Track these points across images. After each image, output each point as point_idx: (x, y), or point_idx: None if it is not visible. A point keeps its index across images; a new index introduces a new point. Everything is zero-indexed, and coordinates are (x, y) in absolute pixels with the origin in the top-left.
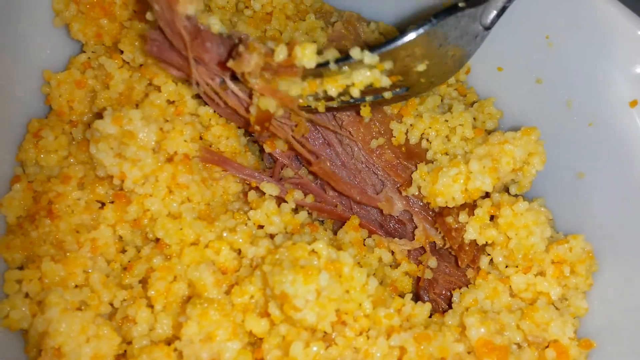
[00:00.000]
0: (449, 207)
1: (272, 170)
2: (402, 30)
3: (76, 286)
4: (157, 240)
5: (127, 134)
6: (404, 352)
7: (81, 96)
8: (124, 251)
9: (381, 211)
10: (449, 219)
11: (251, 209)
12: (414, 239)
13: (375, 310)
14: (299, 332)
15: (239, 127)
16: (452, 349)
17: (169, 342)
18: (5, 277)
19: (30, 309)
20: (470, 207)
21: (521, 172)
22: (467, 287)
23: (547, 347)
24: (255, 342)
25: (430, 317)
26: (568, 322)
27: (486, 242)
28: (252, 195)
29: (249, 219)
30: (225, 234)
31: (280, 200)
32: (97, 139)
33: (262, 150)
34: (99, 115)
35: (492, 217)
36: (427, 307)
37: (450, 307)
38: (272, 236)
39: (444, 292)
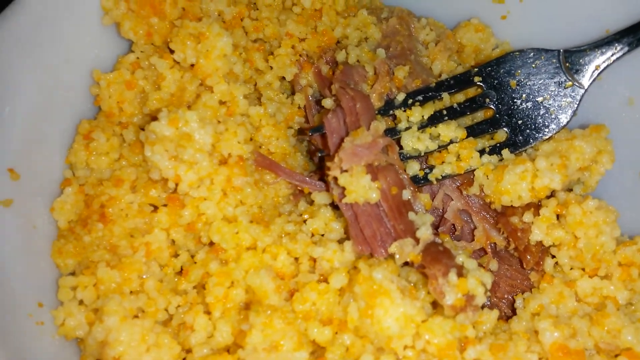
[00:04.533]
0: (513, 207)
1: (321, 172)
2: None
3: (131, 292)
4: (211, 244)
5: (184, 136)
6: None
7: (131, 97)
8: (176, 255)
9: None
10: (514, 219)
11: (302, 214)
12: (472, 240)
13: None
14: (364, 344)
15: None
16: (525, 359)
17: (227, 350)
18: (60, 283)
19: (86, 316)
20: (534, 206)
21: (588, 172)
22: (531, 291)
23: (618, 354)
24: (314, 352)
25: None
26: None
27: (552, 243)
28: (302, 205)
29: (304, 223)
30: (284, 240)
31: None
32: (152, 141)
33: (310, 151)
34: (150, 117)
35: (557, 218)
36: (495, 314)
37: (513, 311)
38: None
39: (505, 296)
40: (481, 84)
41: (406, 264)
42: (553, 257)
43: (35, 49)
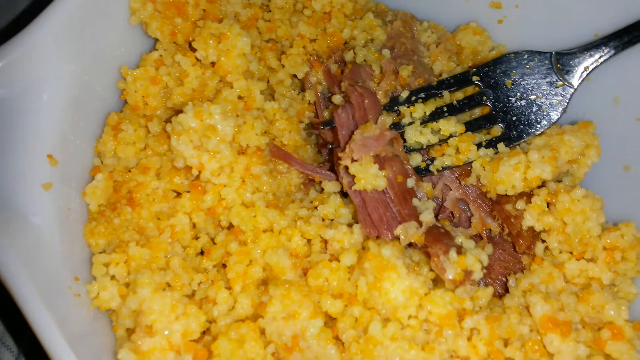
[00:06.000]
0: (507, 196)
1: (330, 163)
2: None
3: (158, 269)
4: (229, 227)
5: (209, 128)
6: (474, 333)
7: (155, 92)
8: (196, 238)
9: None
10: (508, 207)
11: (313, 201)
12: (469, 227)
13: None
14: (372, 315)
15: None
16: (518, 330)
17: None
18: (93, 260)
19: (118, 290)
20: (527, 195)
21: (576, 164)
22: (522, 272)
23: (601, 328)
24: (326, 323)
25: None
26: (622, 305)
27: (543, 228)
28: (313, 193)
29: (316, 209)
30: (299, 223)
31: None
32: (178, 132)
33: (318, 144)
34: (173, 110)
35: (547, 206)
36: (490, 290)
37: (506, 291)
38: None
39: (499, 278)
40: (479, 83)
41: (409, 245)
42: (543, 241)
43: (71, 45)
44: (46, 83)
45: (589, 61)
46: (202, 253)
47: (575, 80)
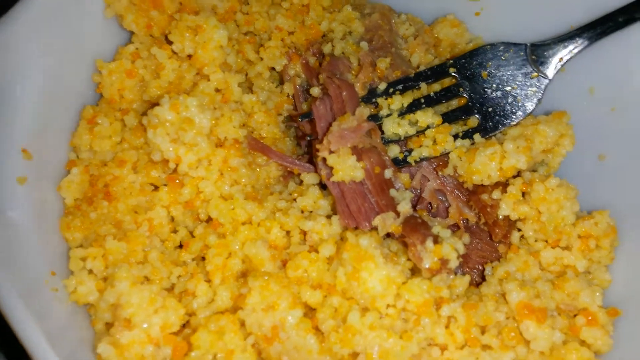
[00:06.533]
0: (483, 185)
1: (309, 155)
2: None
3: (136, 263)
4: (208, 220)
5: (185, 120)
6: (451, 321)
7: (131, 85)
8: (175, 231)
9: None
10: (484, 196)
11: (292, 193)
12: (447, 217)
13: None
14: (351, 305)
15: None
16: (494, 317)
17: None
18: (71, 255)
19: (96, 284)
20: (502, 185)
21: (551, 154)
22: (499, 261)
23: (576, 315)
24: (306, 314)
25: None
26: (596, 291)
27: (518, 217)
28: (292, 185)
29: (294, 201)
30: (277, 215)
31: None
32: (154, 125)
33: (297, 136)
34: (149, 103)
35: (523, 195)
36: (467, 278)
37: (483, 280)
38: None
39: (476, 267)
40: (455, 74)
41: (388, 235)
42: (519, 230)
43: (45, 37)
44: (20, 75)
45: (564, 52)
46: (180, 246)
47: (550, 71)
